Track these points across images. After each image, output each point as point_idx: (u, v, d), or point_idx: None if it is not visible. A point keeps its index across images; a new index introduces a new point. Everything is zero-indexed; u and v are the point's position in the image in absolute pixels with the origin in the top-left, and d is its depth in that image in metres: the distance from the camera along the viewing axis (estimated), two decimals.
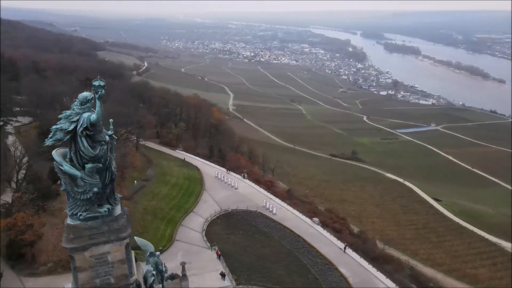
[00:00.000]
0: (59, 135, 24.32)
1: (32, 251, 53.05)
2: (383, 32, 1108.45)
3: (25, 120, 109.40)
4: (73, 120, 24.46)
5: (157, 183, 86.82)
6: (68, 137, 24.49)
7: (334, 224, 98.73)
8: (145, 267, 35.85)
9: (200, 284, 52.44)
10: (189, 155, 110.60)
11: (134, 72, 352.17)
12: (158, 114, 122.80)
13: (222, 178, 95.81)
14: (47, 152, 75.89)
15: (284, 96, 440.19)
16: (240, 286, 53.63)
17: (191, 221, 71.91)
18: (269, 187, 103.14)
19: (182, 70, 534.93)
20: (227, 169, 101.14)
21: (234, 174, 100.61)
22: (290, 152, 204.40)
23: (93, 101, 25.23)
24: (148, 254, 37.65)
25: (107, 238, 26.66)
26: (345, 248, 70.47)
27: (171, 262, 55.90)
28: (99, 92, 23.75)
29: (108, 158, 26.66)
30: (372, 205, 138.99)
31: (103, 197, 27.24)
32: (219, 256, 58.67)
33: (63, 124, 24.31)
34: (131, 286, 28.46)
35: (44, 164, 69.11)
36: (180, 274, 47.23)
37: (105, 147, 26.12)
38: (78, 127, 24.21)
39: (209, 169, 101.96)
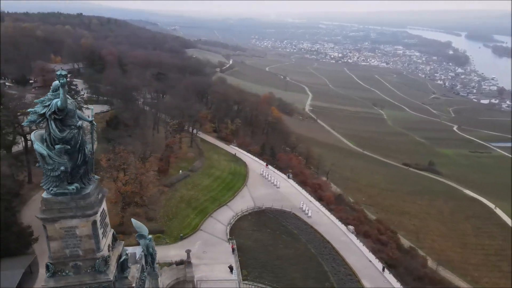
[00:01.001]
0: (33, 117, 27.68)
1: None
2: (492, 34, 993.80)
3: (103, 108, 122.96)
4: (45, 105, 27.61)
5: (201, 174, 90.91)
6: (40, 119, 27.63)
7: (381, 236, 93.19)
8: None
9: (208, 273, 54.36)
10: (241, 151, 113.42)
11: (218, 69, 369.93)
12: (217, 110, 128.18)
13: (267, 176, 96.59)
14: (112, 140, 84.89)
15: (367, 99, 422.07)
16: (245, 282, 54.09)
17: (221, 214, 74.14)
18: (315, 190, 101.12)
19: (267, 69, 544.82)
20: (266, 164, 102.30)
21: (280, 173, 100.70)
22: (357, 157, 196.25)
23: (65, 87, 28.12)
24: (138, 235, 40.36)
25: (74, 214, 29.46)
26: (383, 269, 65.42)
27: (191, 246, 58.84)
28: (61, 81, 26.42)
29: (80, 141, 29.36)
30: (437, 222, 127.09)
31: (76, 176, 30.05)
32: (233, 250, 59.78)
33: (37, 108, 27.57)
34: (98, 260, 30.83)
35: (107, 148, 76.28)
36: (188, 261, 49.72)
37: (75, 131, 28.91)
38: (46, 111, 27.22)
39: (257, 166, 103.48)
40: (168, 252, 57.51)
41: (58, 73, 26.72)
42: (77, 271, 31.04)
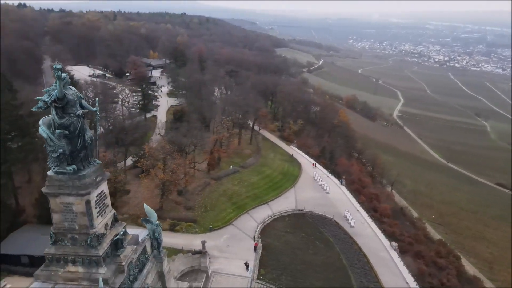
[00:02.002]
0: (40, 104, 31.92)
1: (116, 202, 66.71)
2: None
3: (178, 101, 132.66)
4: (50, 94, 31.69)
5: (251, 171, 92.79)
6: (45, 106, 31.78)
7: (439, 259, 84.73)
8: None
9: (224, 266, 55.90)
10: (299, 152, 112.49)
11: (305, 69, 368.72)
12: (282, 109, 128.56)
13: (318, 180, 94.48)
14: (175, 129, 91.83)
15: (470, 108, 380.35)
16: (258, 281, 54.25)
17: (258, 212, 74.98)
18: (370, 200, 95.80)
19: (359, 71, 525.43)
20: (313, 164, 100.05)
21: (333, 178, 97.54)
22: (439, 171, 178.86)
23: (67, 79, 31.93)
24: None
25: (70, 191, 33.27)
26: None
27: (213, 241, 61.40)
28: (57, 73, 30.08)
29: (79, 128, 32.98)
30: None
31: (77, 159, 33.80)
32: (255, 248, 60.28)
33: (44, 96, 31.75)
34: (90, 236, 34.37)
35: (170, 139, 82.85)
36: (203, 251, 52.06)
37: (74, 118, 32.55)
38: (48, 100, 31.27)
39: (311, 169, 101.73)
40: (193, 241, 60.47)
41: (54, 66, 30.46)
42: (73, 242, 34.85)
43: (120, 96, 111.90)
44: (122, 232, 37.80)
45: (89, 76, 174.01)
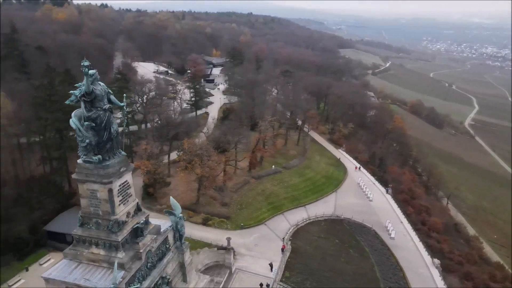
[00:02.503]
0: (72, 98, 35.00)
1: (156, 193, 70.45)
2: None
3: (232, 99, 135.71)
4: (81, 89, 34.62)
5: (293, 173, 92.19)
6: (77, 100, 34.73)
7: (492, 284, 77.32)
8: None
9: (249, 265, 56.56)
10: (347, 156, 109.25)
11: (369, 71, 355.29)
12: (334, 111, 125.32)
13: (363, 187, 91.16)
14: (221, 125, 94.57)
15: None
16: (280, 283, 53.93)
17: (293, 214, 74.39)
18: (420, 212, 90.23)
19: (431, 74, 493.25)
20: (357, 167, 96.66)
21: (379, 186, 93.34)
22: (509, 187, 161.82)
23: (96, 76, 34.59)
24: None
25: (95, 179, 36.02)
26: None
27: (242, 238, 62.38)
28: (84, 70, 32.72)
29: (105, 121, 35.52)
30: None
31: (103, 149, 36.45)
32: (282, 250, 60.02)
33: (76, 91, 34.77)
34: (111, 222, 36.96)
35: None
36: (228, 248, 53.35)
37: (101, 112, 35.15)
38: (78, 94, 34.17)
39: (357, 175, 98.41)
40: (223, 237, 61.53)
41: (82, 63, 33.16)
42: (97, 227, 37.66)
43: (175, 93, 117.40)
44: (142, 221, 40.00)
45: (153, 72, 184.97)
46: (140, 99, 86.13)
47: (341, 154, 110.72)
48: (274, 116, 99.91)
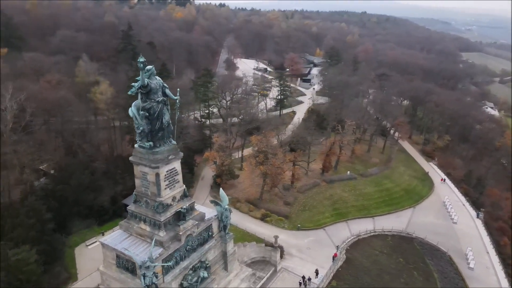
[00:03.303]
0: (132, 89, 39.70)
1: (223, 184, 74.35)
2: None
3: (323, 100, 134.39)
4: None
5: (369, 181, 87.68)
6: (136, 92, 39.30)
7: None
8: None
9: (296, 266, 56.58)
10: (438, 171, 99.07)
11: (496, 79, 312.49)
12: (431, 121, 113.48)
13: (448, 206, 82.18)
14: (302, 125, 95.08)
15: None
16: None
17: (358, 224, 71.08)
18: None
19: None
20: (442, 179, 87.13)
21: (469, 208, 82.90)
22: None
23: (152, 71, 38.66)
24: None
25: (146, 163, 40.43)
26: None
27: (295, 239, 62.78)
28: (140, 65, 36.85)
29: (158, 112, 39.49)
30: None
31: (155, 137, 40.66)
32: (333, 258, 58.21)
33: (136, 84, 39.37)
34: (156, 203, 41.06)
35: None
36: (276, 246, 54.63)
37: (154, 103, 39.20)
38: (137, 86, 38.64)
39: (445, 193, 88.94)
40: (278, 235, 62.45)
41: (138, 60, 37.30)
42: (146, 205, 42.25)
43: (263, 90, 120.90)
44: (185, 207, 43.32)
45: (253, 69, 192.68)
46: (224, 94, 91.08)
47: (431, 168, 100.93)
48: (359, 121, 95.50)
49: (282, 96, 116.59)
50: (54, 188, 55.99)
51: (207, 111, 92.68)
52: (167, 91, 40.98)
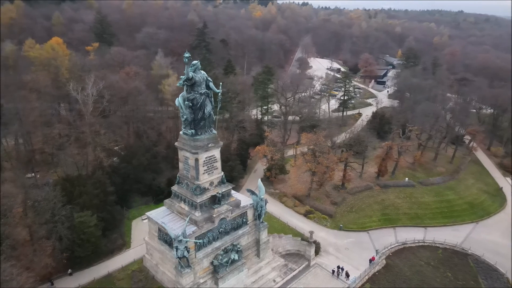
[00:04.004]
0: (180, 82, 44.37)
1: (272, 177, 76.91)
2: None
3: (393, 103, 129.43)
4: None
5: (429, 190, 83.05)
6: (183, 84, 43.82)
7: None
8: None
9: (330, 264, 57.25)
10: None
11: None
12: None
13: None
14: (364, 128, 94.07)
15: None
16: None
17: (406, 232, 68.21)
18: None
19: None
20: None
21: None
22: None
23: (198, 65, 42.80)
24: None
25: (187, 149, 45.03)
26: None
27: (335, 238, 64.17)
28: (185, 60, 41.10)
29: (200, 103, 43.63)
30: None
31: (198, 126, 45.04)
32: (370, 261, 57.47)
33: (183, 77, 43.83)
34: (194, 185, 45.36)
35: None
36: (310, 241, 56.39)
37: (197, 95, 43.41)
38: (183, 80, 43.12)
39: None
40: (317, 232, 63.64)
41: (184, 55, 41.54)
42: (186, 187, 47.01)
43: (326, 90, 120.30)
44: (221, 192, 47.08)
45: (326, 68, 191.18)
46: (284, 92, 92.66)
47: (508, 184, 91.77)
48: (426, 126, 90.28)
49: (346, 97, 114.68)
50: (119, 166, 63.87)
51: (265, 107, 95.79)
52: (211, 84, 44.92)
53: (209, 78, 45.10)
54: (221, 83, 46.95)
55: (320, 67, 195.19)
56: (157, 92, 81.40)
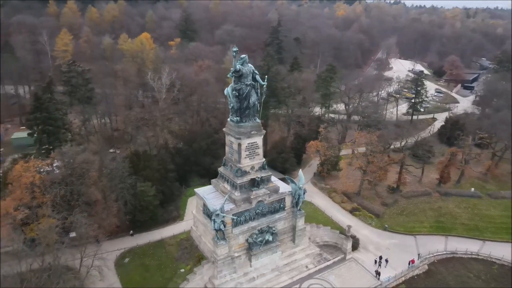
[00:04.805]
0: (230, 73, 49.32)
1: (324, 173, 78.48)
2: None
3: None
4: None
5: (497, 204, 76.46)
6: (232, 75, 48.71)
7: None
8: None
9: (366, 260, 57.86)
10: None
11: None
12: None
13: None
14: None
15: None
16: None
17: (459, 242, 64.39)
18: None
19: None
20: None
21: None
22: None
23: (245, 59, 47.31)
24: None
25: (232, 134, 50.02)
26: None
27: (378, 238, 64.20)
28: (233, 54, 45.89)
29: (246, 93, 48.14)
30: None
31: (243, 114, 49.73)
32: (409, 263, 56.68)
33: (232, 69, 48.69)
34: (236, 168, 50.16)
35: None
36: (347, 235, 58.26)
37: (243, 86, 47.96)
38: (232, 71, 48.04)
39: None
40: (360, 229, 64.35)
41: (233, 49, 46.24)
42: (230, 169, 52.20)
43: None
44: (260, 176, 51.22)
45: (408, 70, 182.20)
46: (348, 91, 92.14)
47: None
48: (503, 136, 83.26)
49: (416, 100, 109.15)
50: (182, 148, 71.61)
51: (326, 105, 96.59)
52: (257, 77, 49.16)
53: (256, 71, 49.25)
54: (266, 76, 50.79)
55: (402, 68, 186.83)
56: (225, 85, 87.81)
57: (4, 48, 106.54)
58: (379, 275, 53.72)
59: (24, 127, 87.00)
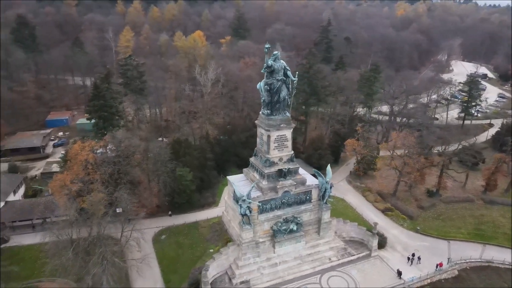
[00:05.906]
0: (263, 69, 52.22)
1: (359, 171, 78.41)
2: None
3: None
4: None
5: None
6: (264, 70, 51.63)
7: None
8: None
9: (392, 259, 58.13)
10: None
11: None
12: None
13: None
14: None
15: None
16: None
17: (499, 252, 61.20)
18: None
19: None
20: None
21: None
22: None
23: (277, 55, 50.02)
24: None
25: (263, 126, 53.04)
26: None
27: (408, 238, 63.95)
28: (265, 50, 48.77)
29: (277, 88, 50.88)
30: None
31: (274, 108, 52.60)
32: (436, 266, 55.73)
33: (265, 64, 51.58)
34: (265, 158, 53.06)
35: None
36: (373, 232, 59.10)
37: (275, 81, 50.73)
38: (264, 67, 50.96)
39: None
40: (390, 229, 64.16)
41: (265, 46, 49.06)
42: (260, 159, 55.45)
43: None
44: (287, 168, 53.70)
45: (471, 73, 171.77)
46: (393, 92, 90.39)
47: None
48: None
49: (468, 105, 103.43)
50: (221, 139, 75.90)
51: (369, 105, 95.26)
52: (288, 73, 51.65)
53: (287, 67, 51.67)
54: (297, 72, 52.91)
55: (463, 71, 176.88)
56: None
57: (75, 43, 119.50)
58: (401, 275, 53.63)
59: (87, 114, 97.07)
